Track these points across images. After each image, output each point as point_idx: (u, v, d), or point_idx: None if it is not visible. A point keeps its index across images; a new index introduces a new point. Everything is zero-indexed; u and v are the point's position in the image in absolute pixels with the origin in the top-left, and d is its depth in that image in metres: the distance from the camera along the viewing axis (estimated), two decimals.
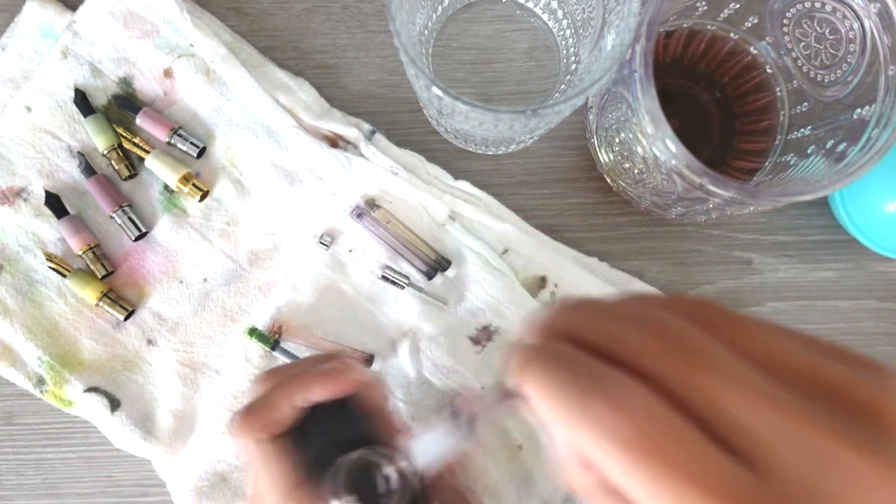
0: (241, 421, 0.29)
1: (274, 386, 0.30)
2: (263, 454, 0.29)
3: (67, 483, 0.44)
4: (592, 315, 0.20)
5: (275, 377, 0.32)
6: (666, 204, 0.39)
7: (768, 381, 0.17)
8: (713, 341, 0.18)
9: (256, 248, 0.44)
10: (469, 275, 0.42)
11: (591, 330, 0.19)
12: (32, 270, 0.43)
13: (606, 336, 0.19)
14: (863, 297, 0.45)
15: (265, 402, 0.30)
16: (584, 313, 0.20)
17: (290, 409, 0.29)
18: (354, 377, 0.30)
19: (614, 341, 0.19)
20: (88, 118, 0.42)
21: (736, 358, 0.17)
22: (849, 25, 0.35)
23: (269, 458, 0.29)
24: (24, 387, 0.43)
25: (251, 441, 0.29)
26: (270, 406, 0.29)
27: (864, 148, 0.33)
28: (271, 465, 0.29)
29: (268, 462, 0.29)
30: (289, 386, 0.30)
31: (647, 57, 0.31)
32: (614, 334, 0.19)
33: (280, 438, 0.29)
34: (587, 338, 0.19)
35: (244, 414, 0.29)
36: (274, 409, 0.29)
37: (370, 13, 0.45)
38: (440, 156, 0.44)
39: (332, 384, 0.30)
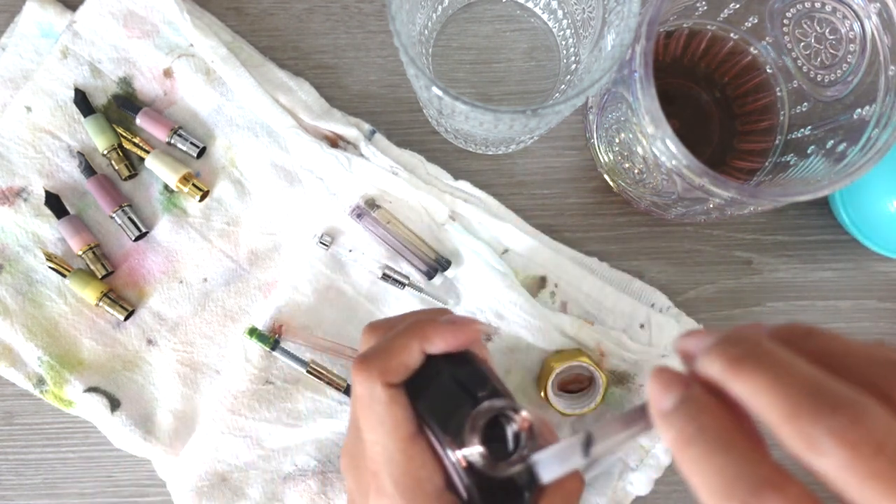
0: (370, 362, 0.28)
1: (402, 330, 0.29)
2: (390, 397, 0.27)
3: (67, 483, 0.44)
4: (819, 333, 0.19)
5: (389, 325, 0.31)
6: (666, 204, 0.39)
7: None
8: None
9: (256, 248, 0.44)
10: (469, 275, 0.42)
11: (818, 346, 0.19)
12: (32, 270, 0.43)
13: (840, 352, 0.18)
14: (863, 297, 0.45)
15: (393, 346, 0.28)
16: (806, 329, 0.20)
17: (418, 354, 0.28)
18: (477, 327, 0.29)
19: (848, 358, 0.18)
20: (88, 118, 0.42)
21: None
22: (849, 25, 0.35)
23: (395, 403, 0.27)
24: (24, 387, 0.43)
25: (379, 383, 0.27)
26: (400, 349, 0.28)
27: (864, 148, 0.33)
28: (396, 411, 0.27)
29: (393, 406, 0.27)
30: (419, 331, 0.28)
31: (647, 57, 0.31)
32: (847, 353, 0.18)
33: (403, 384, 0.28)
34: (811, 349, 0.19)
35: (373, 356, 0.28)
36: (404, 352, 0.28)
37: (370, 13, 0.45)
38: (440, 156, 0.44)
39: (460, 333, 0.29)
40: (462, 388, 0.28)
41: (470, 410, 0.26)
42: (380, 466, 0.27)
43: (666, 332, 0.42)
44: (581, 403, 0.41)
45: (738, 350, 0.19)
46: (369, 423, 0.27)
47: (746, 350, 0.19)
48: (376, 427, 0.27)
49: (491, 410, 0.26)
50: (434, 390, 0.28)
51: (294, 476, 0.42)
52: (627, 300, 0.42)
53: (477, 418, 0.26)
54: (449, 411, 0.27)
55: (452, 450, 0.26)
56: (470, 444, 0.26)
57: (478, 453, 0.25)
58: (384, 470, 0.27)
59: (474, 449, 0.25)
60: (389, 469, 0.27)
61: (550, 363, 0.42)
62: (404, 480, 0.27)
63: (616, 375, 0.42)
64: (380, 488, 0.27)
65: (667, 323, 0.42)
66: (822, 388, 0.17)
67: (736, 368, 0.18)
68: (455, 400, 0.28)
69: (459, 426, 0.26)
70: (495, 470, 0.25)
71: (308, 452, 0.42)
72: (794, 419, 0.17)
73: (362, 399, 0.27)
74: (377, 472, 0.27)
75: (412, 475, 0.27)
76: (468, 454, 0.26)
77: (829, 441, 0.16)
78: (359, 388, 0.28)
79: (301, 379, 0.43)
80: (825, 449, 0.16)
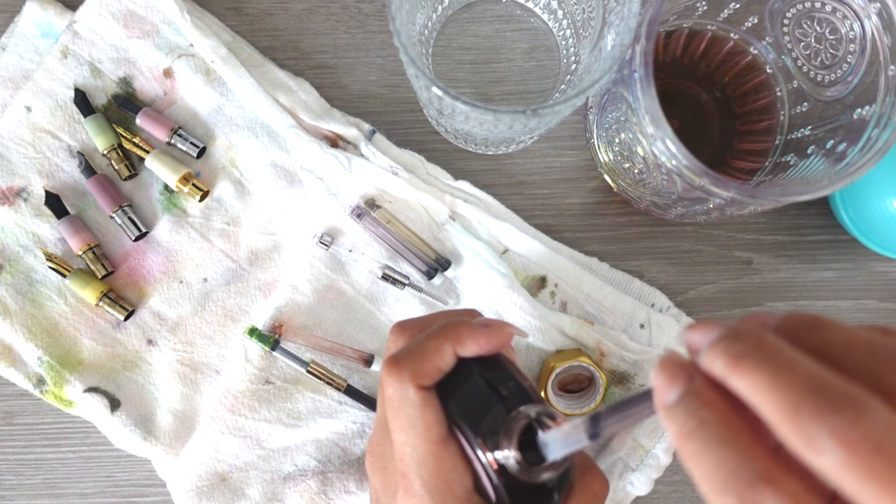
0: (402, 364, 0.28)
1: (434, 332, 0.29)
2: (423, 400, 0.27)
3: (67, 483, 0.44)
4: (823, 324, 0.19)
5: (419, 326, 0.31)
6: (666, 204, 0.39)
7: None
8: None
9: (256, 248, 0.44)
10: (469, 275, 0.42)
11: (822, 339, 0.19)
12: (32, 270, 0.43)
13: (842, 344, 0.19)
14: (863, 297, 0.45)
15: (426, 348, 0.28)
16: (811, 321, 0.20)
17: (451, 357, 0.28)
18: (510, 330, 0.29)
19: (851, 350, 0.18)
20: (88, 118, 0.42)
21: None
22: (849, 25, 0.35)
23: (427, 406, 0.27)
24: (24, 387, 0.43)
25: (411, 386, 0.27)
26: (433, 352, 0.28)
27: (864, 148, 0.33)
28: (428, 413, 0.27)
29: (425, 409, 0.27)
30: (452, 333, 0.28)
31: (647, 57, 0.31)
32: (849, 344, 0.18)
33: (435, 386, 0.28)
34: (814, 342, 0.19)
35: (405, 358, 0.28)
36: (437, 355, 0.28)
37: (370, 13, 0.45)
38: (440, 156, 0.44)
39: (493, 336, 0.28)
40: (493, 390, 0.28)
41: (501, 413, 0.27)
42: (409, 468, 0.27)
43: (666, 332, 0.42)
44: (581, 403, 0.41)
45: (740, 347, 0.19)
46: (400, 424, 0.27)
47: (748, 347, 0.18)
48: (407, 429, 0.27)
49: (526, 416, 0.26)
50: (465, 392, 0.28)
51: (294, 476, 0.42)
52: (627, 300, 0.42)
53: (512, 423, 0.26)
54: (480, 414, 0.27)
55: (484, 452, 0.26)
56: (504, 448, 0.26)
57: (513, 458, 0.25)
58: (414, 471, 0.27)
59: (509, 453, 0.25)
60: (419, 471, 0.27)
61: (550, 363, 0.42)
62: (434, 482, 0.27)
63: (616, 375, 0.42)
64: (409, 489, 0.27)
65: (667, 323, 0.42)
66: (822, 387, 0.17)
67: (737, 366, 0.18)
68: (486, 402, 0.27)
69: (491, 429, 0.26)
70: (529, 475, 0.26)
71: (308, 452, 0.42)
72: (793, 418, 0.17)
73: (393, 401, 0.27)
74: (406, 473, 0.27)
75: (442, 477, 0.27)
76: (502, 458, 0.26)
77: (828, 440, 0.16)
78: (390, 390, 0.28)
79: (301, 379, 0.43)
80: (824, 448, 0.16)
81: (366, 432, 0.43)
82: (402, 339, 0.30)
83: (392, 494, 0.28)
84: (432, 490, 0.27)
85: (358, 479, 0.41)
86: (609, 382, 0.42)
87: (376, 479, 0.30)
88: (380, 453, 0.30)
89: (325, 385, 0.42)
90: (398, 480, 0.28)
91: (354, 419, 0.43)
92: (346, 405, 0.42)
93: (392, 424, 0.28)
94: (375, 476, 0.30)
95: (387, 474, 0.29)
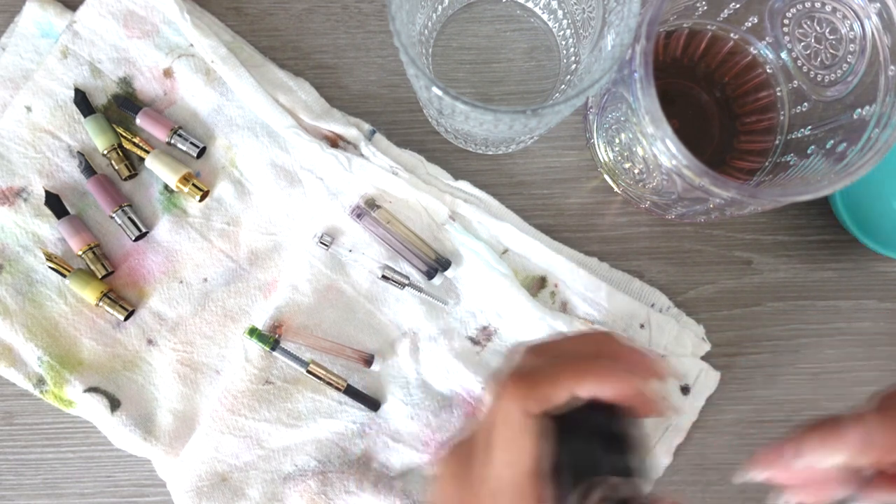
0: (530, 386, 0.27)
1: (559, 364, 0.28)
2: (541, 429, 0.26)
3: (67, 483, 0.44)
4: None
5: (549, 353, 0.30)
6: (666, 204, 0.39)
7: None
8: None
9: (256, 248, 0.44)
10: (469, 275, 0.42)
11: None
12: (32, 270, 0.43)
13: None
14: (863, 297, 0.45)
15: (546, 377, 0.27)
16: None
17: (568, 394, 0.27)
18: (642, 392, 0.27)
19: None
20: (88, 118, 0.42)
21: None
22: (849, 25, 0.35)
23: (542, 436, 0.26)
24: (24, 387, 0.43)
25: (535, 411, 0.26)
26: (553, 383, 0.27)
27: (864, 148, 0.33)
28: (541, 444, 0.26)
29: (539, 439, 0.26)
30: (575, 370, 0.27)
31: (647, 57, 0.31)
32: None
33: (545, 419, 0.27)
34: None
35: (535, 381, 0.27)
36: (556, 387, 0.27)
37: (370, 13, 0.45)
38: (440, 156, 0.44)
39: (620, 388, 0.27)
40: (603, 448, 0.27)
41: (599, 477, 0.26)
42: (504, 487, 0.26)
43: (666, 332, 0.42)
44: None
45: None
46: (508, 442, 0.27)
47: None
48: (515, 451, 0.26)
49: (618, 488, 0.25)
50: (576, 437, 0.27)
51: (294, 476, 0.42)
52: (627, 300, 0.42)
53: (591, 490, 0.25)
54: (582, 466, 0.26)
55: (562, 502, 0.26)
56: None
57: None
58: (508, 493, 0.26)
59: None
60: (512, 496, 0.26)
61: None
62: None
63: None
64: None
65: (667, 323, 0.42)
66: None
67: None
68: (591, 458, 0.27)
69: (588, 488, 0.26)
70: None
71: (308, 452, 0.42)
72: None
73: (510, 418, 0.27)
74: (498, 492, 0.27)
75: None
76: None
77: None
78: (510, 406, 0.27)
79: (301, 379, 0.43)
80: None
81: (365, 432, 0.43)
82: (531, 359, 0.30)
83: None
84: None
85: (358, 479, 0.41)
86: None
87: (452, 485, 0.29)
88: (467, 462, 0.29)
89: (325, 385, 0.42)
90: (484, 496, 0.27)
91: (354, 419, 0.43)
92: (346, 405, 0.42)
93: (498, 439, 0.27)
94: (452, 483, 0.29)
95: (469, 484, 0.28)
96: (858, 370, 0.44)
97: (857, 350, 0.45)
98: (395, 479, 0.42)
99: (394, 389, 0.43)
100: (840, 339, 0.45)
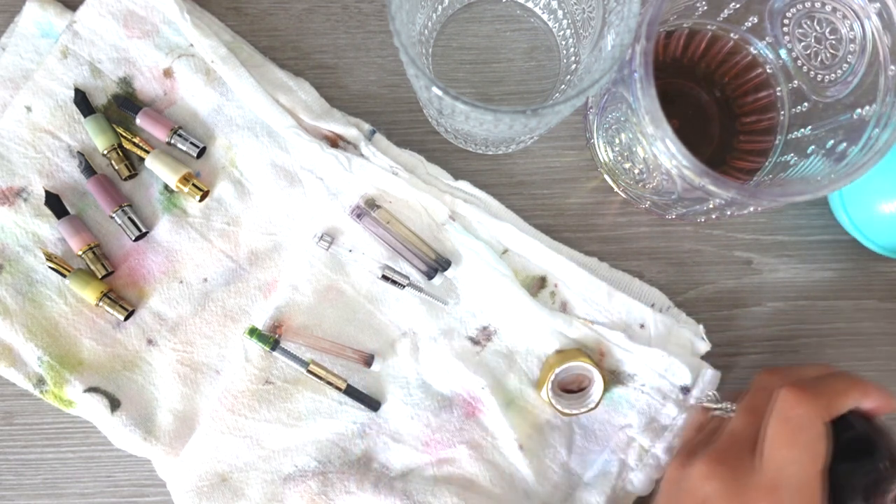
0: (821, 394, 0.32)
1: (845, 379, 0.33)
2: (822, 432, 0.31)
3: (67, 483, 0.44)
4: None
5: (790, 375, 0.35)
6: (666, 204, 0.39)
7: None
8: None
9: (256, 248, 0.44)
10: (469, 275, 0.42)
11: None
12: (32, 270, 0.43)
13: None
14: (863, 297, 0.45)
15: (836, 390, 0.32)
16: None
17: (853, 404, 0.33)
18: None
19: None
20: (88, 118, 0.42)
21: None
22: (849, 25, 0.35)
23: (827, 438, 0.31)
24: (24, 387, 0.43)
25: (824, 415, 0.31)
26: (845, 394, 0.32)
27: (864, 148, 0.33)
28: (821, 446, 0.31)
29: (824, 440, 0.31)
30: (860, 385, 0.33)
31: (647, 57, 0.31)
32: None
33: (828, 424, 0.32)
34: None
35: (825, 390, 0.32)
36: (847, 398, 0.32)
37: (370, 13, 0.45)
38: (440, 156, 0.44)
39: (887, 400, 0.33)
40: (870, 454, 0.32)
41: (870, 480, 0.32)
42: (786, 484, 0.31)
43: (666, 332, 0.42)
44: (581, 403, 0.41)
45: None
46: (796, 445, 0.31)
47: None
48: (801, 451, 0.31)
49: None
50: (847, 442, 0.32)
51: (294, 476, 0.42)
52: (627, 300, 0.42)
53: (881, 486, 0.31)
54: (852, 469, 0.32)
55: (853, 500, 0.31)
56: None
57: None
58: (792, 489, 0.31)
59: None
60: (798, 492, 0.31)
61: (550, 363, 0.42)
62: (808, 502, 0.30)
63: (616, 375, 0.42)
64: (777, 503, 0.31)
65: (666, 323, 0.42)
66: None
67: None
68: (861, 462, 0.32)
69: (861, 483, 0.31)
70: None
71: (308, 453, 0.42)
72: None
73: (799, 421, 0.31)
74: (779, 489, 0.31)
75: (814, 500, 0.30)
76: None
77: None
78: (801, 411, 0.31)
79: (301, 379, 0.43)
80: None
81: (366, 432, 0.43)
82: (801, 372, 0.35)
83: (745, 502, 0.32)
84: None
85: (358, 479, 0.41)
86: (609, 382, 0.42)
87: (720, 483, 0.32)
88: (738, 462, 0.33)
89: (325, 385, 0.42)
90: (761, 494, 0.31)
91: (354, 419, 0.43)
92: (346, 405, 0.42)
93: (781, 439, 0.31)
94: (719, 480, 0.32)
95: (743, 482, 0.32)
96: (858, 370, 0.44)
97: (857, 350, 0.45)
98: (395, 479, 0.42)
99: (394, 389, 0.43)
100: (840, 339, 0.45)
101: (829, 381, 0.33)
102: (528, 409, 0.42)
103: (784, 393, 0.32)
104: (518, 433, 0.41)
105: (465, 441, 0.42)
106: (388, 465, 0.42)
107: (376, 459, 0.43)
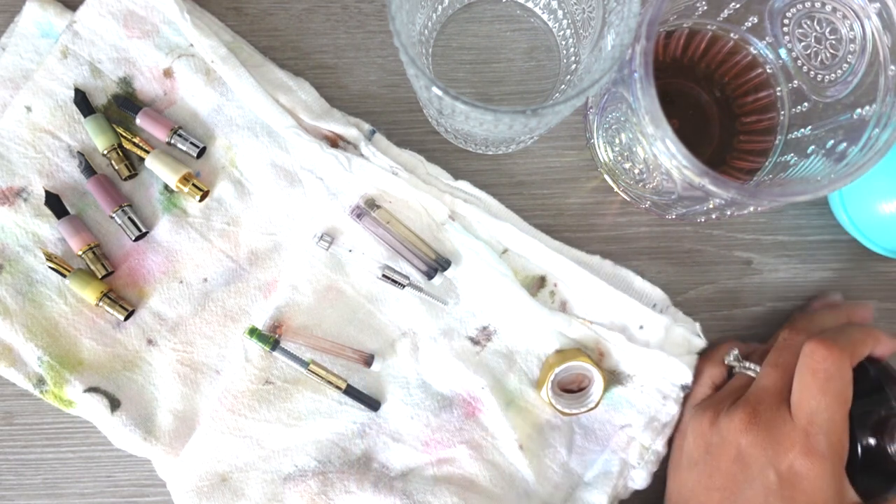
0: (842, 344, 0.35)
1: (861, 330, 0.37)
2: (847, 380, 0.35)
3: (67, 483, 0.44)
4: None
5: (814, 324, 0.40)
6: (666, 204, 0.39)
7: None
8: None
9: (256, 248, 0.44)
10: (469, 275, 0.42)
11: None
12: (32, 270, 0.43)
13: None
14: (863, 297, 0.45)
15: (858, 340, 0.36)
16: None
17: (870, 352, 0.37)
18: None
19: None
20: (88, 118, 0.42)
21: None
22: (849, 25, 0.35)
23: (848, 386, 0.35)
24: (24, 387, 0.43)
25: (848, 363, 0.35)
26: (863, 344, 0.36)
27: (864, 148, 0.33)
28: (846, 392, 0.35)
29: (845, 388, 0.35)
30: (875, 335, 0.37)
31: (647, 57, 0.31)
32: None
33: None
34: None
35: (843, 339, 0.36)
36: (865, 347, 0.36)
37: (370, 13, 0.45)
38: (440, 156, 0.44)
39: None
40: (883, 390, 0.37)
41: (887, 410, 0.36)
42: (820, 429, 0.34)
43: (665, 332, 0.42)
44: (580, 403, 0.41)
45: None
46: (827, 393, 0.34)
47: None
48: (832, 397, 0.34)
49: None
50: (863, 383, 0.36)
51: (294, 476, 0.42)
52: (627, 300, 0.42)
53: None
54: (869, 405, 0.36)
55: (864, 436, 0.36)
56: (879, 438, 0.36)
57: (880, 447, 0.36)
58: (823, 432, 0.34)
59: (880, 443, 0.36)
60: (829, 433, 0.34)
61: (550, 363, 0.42)
62: (837, 445, 0.34)
63: (616, 375, 0.42)
64: (811, 448, 0.34)
65: (666, 323, 0.42)
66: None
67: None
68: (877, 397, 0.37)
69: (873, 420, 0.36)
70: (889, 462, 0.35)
71: (308, 453, 0.42)
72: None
73: (829, 372, 0.34)
74: (813, 434, 0.34)
75: (843, 441, 0.34)
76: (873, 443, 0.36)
77: None
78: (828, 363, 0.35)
79: (301, 379, 0.43)
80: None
81: (366, 432, 0.43)
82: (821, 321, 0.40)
83: (783, 452, 0.35)
84: (836, 450, 0.34)
85: (358, 479, 0.41)
86: (609, 382, 0.42)
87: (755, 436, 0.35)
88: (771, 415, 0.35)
89: (325, 385, 0.42)
90: (795, 440, 0.34)
91: (354, 419, 0.43)
92: (346, 405, 0.42)
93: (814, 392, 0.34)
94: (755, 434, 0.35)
95: (775, 434, 0.35)
96: None
97: None
98: (395, 478, 0.42)
99: (394, 389, 0.43)
100: None
101: (849, 333, 0.36)
102: (528, 408, 0.42)
103: (811, 347, 0.35)
104: (518, 433, 0.41)
105: (465, 441, 0.42)
106: (388, 464, 0.42)
107: (376, 459, 0.43)
